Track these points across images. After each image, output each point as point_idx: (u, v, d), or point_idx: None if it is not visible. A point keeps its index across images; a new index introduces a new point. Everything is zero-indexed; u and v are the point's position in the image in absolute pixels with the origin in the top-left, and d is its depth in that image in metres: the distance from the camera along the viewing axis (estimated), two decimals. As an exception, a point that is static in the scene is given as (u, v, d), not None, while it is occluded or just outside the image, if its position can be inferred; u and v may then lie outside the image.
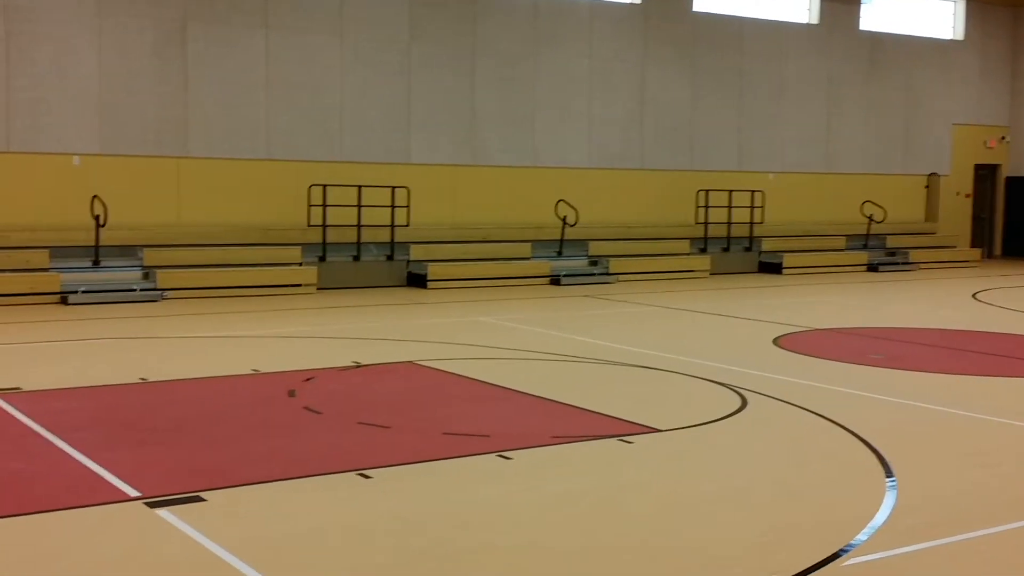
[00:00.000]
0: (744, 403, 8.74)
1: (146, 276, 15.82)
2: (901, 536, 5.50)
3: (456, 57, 19.09)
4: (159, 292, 15.40)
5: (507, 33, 19.58)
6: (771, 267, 21.67)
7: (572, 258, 19.71)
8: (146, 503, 5.86)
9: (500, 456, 6.94)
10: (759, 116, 22.67)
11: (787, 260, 21.58)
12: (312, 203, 17.29)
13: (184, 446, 7.19)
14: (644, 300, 16.54)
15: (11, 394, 8.64)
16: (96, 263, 15.74)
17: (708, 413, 8.33)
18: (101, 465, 6.57)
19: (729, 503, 6.11)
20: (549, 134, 20.13)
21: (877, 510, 5.86)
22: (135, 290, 15.30)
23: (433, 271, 17.64)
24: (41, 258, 15.27)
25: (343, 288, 17.13)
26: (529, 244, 19.25)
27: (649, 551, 5.31)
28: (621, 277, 19.30)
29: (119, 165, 16.33)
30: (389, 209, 17.74)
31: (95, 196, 15.55)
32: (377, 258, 17.97)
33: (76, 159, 16.11)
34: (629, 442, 7.38)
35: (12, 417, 7.89)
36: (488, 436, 7.53)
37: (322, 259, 17.34)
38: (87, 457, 6.76)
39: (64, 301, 14.73)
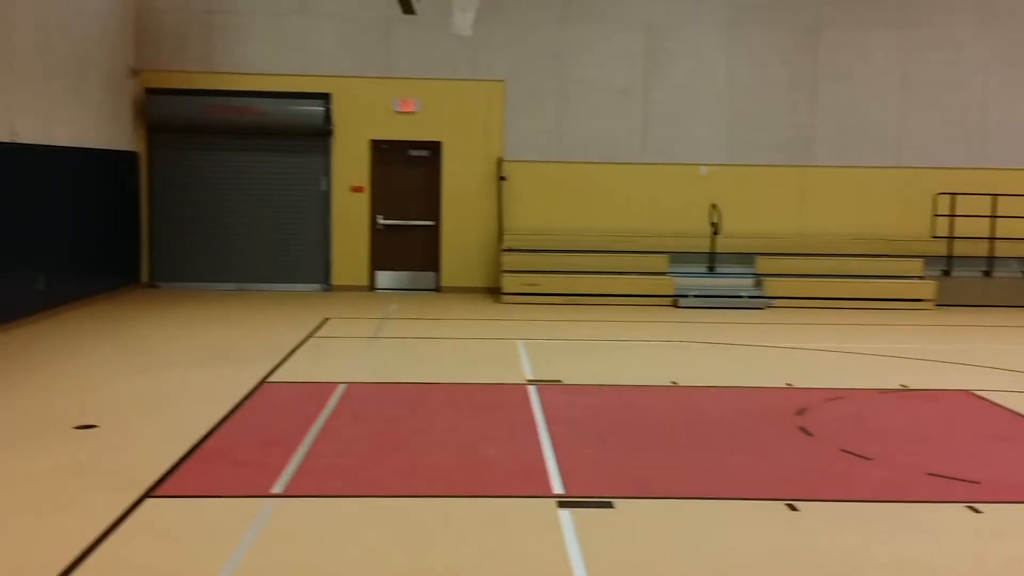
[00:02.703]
0: None
1: (757, 283, 15.96)
2: None
3: None
4: (765, 300, 15.46)
5: None
6: None
7: None
8: (560, 502, 5.99)
9: (969, 508, 5.93)
10: None
11: None
12: (938, 212, 16.06)
13: (645, 451, 7.17)
14: None
15: (548, 385, 9.33)
16: (711, 269, 16.24)
17: None
18: (558, 459, 6.85)
19: None
20: None
21: None
22: (742, 297, 15.53)
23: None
24: (661, 262, 16.15)
25: (967, 306, 15.65)
26: None
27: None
28: None
29: (743, 174, 16.66)
30: (1031, 220, 15.87)
31: (713, 204, 16.07)
32: (1014, 274, 16.13)
33: (703, 169, 16.77)
34: None
35: (530, 406, 8.52)
36: (977, 483, 6.45)
37: (946, 273, 16.02)
38: (552, 450, 7.09)
39: (675, 304, 15.44)
